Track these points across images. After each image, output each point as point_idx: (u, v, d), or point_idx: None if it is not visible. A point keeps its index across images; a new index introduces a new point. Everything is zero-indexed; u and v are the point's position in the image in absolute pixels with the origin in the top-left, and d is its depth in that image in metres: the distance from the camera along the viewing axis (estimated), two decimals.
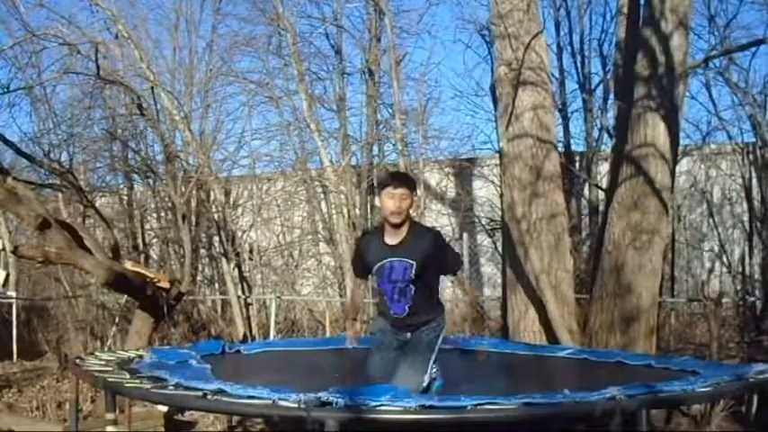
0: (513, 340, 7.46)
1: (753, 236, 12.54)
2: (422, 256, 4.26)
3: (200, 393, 3.87)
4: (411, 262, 4.26)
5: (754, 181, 12.68)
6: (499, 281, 11.22)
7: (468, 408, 3.53)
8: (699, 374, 4.55)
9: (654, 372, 5.05)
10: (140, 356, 5.43)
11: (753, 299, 11.37)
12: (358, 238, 4.91)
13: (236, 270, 12.73)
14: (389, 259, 4.31)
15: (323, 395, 3.48)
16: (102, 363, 5.13)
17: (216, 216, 13.47)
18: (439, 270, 4.46)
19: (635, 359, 5.64)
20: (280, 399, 3.59)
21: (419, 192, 4.53)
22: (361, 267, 4.59)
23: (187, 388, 4.02)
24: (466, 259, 11.83)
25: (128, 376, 4.60)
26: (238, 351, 6.42)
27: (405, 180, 4.38)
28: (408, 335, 4.47)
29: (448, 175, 14.21)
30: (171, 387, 4.11)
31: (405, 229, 4.31)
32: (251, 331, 11.64)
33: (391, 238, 4.33)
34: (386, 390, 3.64)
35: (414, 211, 4.44)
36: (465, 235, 12.15)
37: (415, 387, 4.12)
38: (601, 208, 10.75)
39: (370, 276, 4.67)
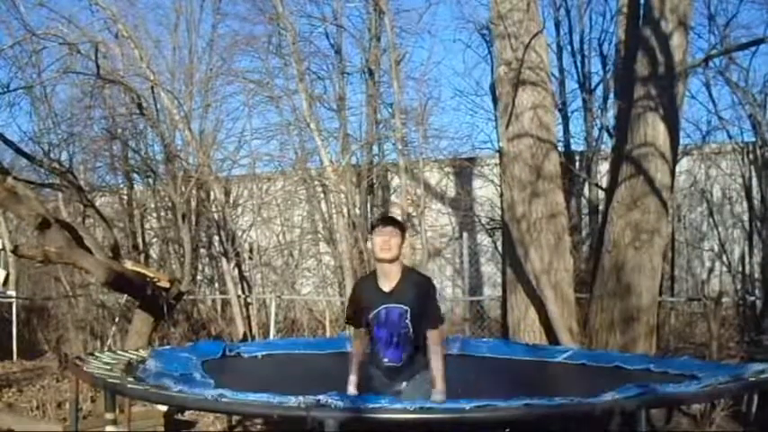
0: (513, 340, 7.46)
1: (753, 235, 12.53)
2: (415, 302, 4.28)
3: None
4: (405, 308, 4.28)
5: (754, 180, 12.66)
6: (499, 280, 11.21)
7: (467, 408, 3.53)
8: (698, 378, 4.55)
9: (652, 376, 5.05)
10: (141, 358, 5.43)
11: (753, 298, 11.35)
12: (354, 285, 4.82)
13: (236, 269, 12.72)
14: (384, 305, 4.31)
15: (322, 398, 3.48)
16: (102, 362, 5.13)
17: (216, 216, 13.47)
18: (424, 316, 4.34)
19: (633, 362, 5.62)
20: (280, 401, 3.59)
21: (408, 235, 4.62)
22: (357, 315, 4.50)
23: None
24: (466, 259, 11.86)
25: (127, 375, 4.60)
26: (239, 354, 6.40)
27: (393, 221, 4.44)
28: (404, 384, 4.34)
29: (448, 175, 14.20)
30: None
31: (398, 274, 4.34)
32: (251, 331, 11.63)
33: (385, 284, 4.34)
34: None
35: (406, 249, 4.48)
36: (465, 234, 12.16)
37: None
38: (601, 207, 10.75)
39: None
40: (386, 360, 4.35)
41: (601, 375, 5.33)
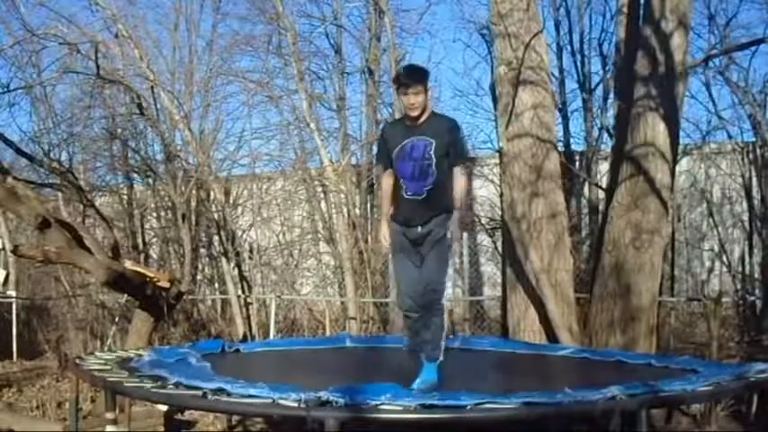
0: (513, 339, 7.46)
1: (753, 235, 12.54)
2: (440, 136, 4.55)
3: (199, 393, 3.87)
4: (431, 140, 4.53)
5: (754, 180, 12.67)
6: (499, 280, 11.21)
7: (468, 407, 3.53)
8: (699, 372, 4.56)
9: (654, 370, 5.05)
10: (140, 356, 5.43)
11: (753, 298, 11.36)
12: (382, 127, 5.10)
13: (236, 269, 12.72)
14: (410, 138, 4.58)
15: (323, 394, 3.48)
16: (102, 362, 5.13)
17: (216, 215, 13.47)
18: (450, 154, 4.59)
19: (635, 358, 5.64)
20: (280, 398, 3.59)
21: (429, 82, 4.71)
22: (386, 154, 4.74)
23: (187, 387, 4.02)
24: (466, 259, 11.86)
25: (127, 375, 4.60)
26: (237, 350, 6.42)
27: (413, 77, 4.60)
28: (419, 229, 4.58)
29: None
30: (171, 386, 4.11)
31: (425, 116, 4.61)
32: (251, 331, 11.64)
33: (412, 122, 4.61)
34: (385, 389, 3.64)
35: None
36: (465, 234, 12.15)
37: (433, 293, 4.49)
38: (601, 207, 10.75)
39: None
40: (408, 193, 4.59)
41: (602, 370, 5.33)
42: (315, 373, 5.33)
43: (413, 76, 4.61)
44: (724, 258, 12.69)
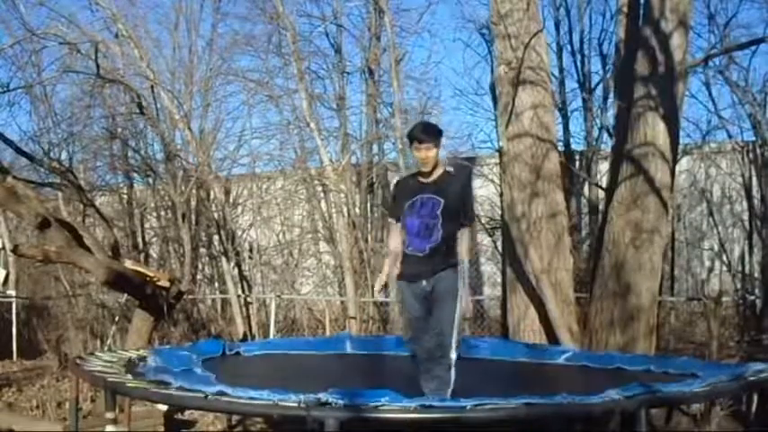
0: (513, 339, 7.46)
1: (752, 235, 12.54)
2: (450, 197, 4.62)
3: (199, 393, 3.87)
4: (440, 199, 4.61)
5: (754, 180, 12.67)
6: (499, 280, 11.21)
7: (468, 407, 3.53)
8: (698, 377, 4.55)
9: (653, 376, 5.04)
10: (141, 357, 5.43)
11: (753, 298, 11.36)
12: (396, 181, 5.25)
13: (236, 269, 12.73)
14: (420, 195, 4.67)
15: (323, 396, 3.48)
16: (102, 362, 5.13)
17: (216, 215, 13.47)
18: (459, 214, 4.65)
19: (634, 363, 5.61)
20: (280, 399, 3.59)
21: (443, 139, 4.82)
22: (397, 207, 4.82)
23: (189, 391, 4.02)
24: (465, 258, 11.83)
25: (128, 375, 4.60)
26: (238, 353, 6.41)
27: (426, 133, 4.70)
28: (424, 283, 4.61)
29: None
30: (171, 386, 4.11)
31: (438, 173, 4.70)
32: (251, 330, 11.64)
33: (425, 178, 4.71)
34: (384, 392, 3.64)
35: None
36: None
37: (443, 346, 4.46)
38: (601, 207, 10.75)
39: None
40: (410, 249, 4.66)
41: (601, 375, 5.33)
42: (315, 373, 5.34)
43: (426, 133, 4.70)
44: (724, 258, 12.70)
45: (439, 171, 4.71)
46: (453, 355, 4.51)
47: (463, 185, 4.76)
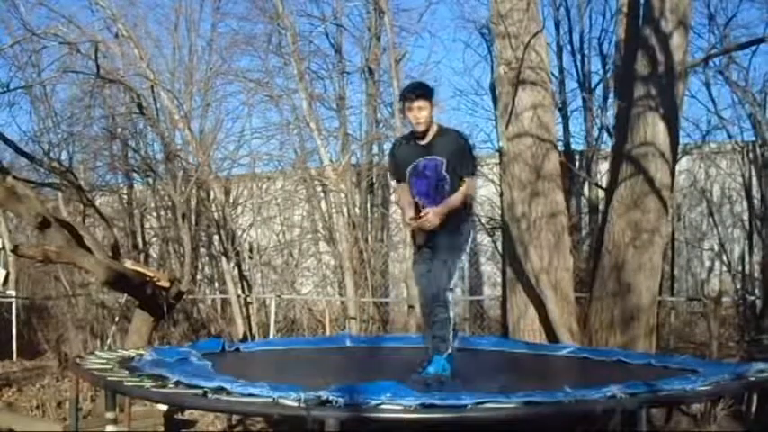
0: (513, 339, 7.46)
1: (752, 234, 12.53)
2: (451, 154, 4.63)
3: (200, 392, 3.86)
4: (442, 159, 4.62)
5: (754, 180, 12.67)
6: (499, 280, 11.22)
7: (469, 407, 3.53)
8: (698, 372, 4.55)
9: (653, 370, 5.05)
10: (141, 355, 5.43)
11: (752, 298, 11.35)
12: (392, 146, 5.25)
13: (236, 269, 12.72)
14: (422, 158, 4.67)
15: (323, 393, 3.48)
16: (102, 362, 5.13)
17: (216, 215, 13.47)
18: (461, 168, 4.67)
19: (634, 358, 5.64)
20: (280, 397, 3.59)
21: (434, 98, 4.75)
22: (398, 171, 4.85)
23: (187, 386, 4.02)
24: (466, 258, 11.83)
25: (127, 374, 4.59)
26: (237, 350, 6.41)
27: (417, 92, 4.67)
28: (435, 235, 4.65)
29: None
30: (171, 385, 4.11)
31: (432, 132, 4.69)
32: (251, 330, 11.64)
33: (421, 140, 4.69)
34: (385, 388, 3.64)
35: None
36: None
37: (438, 289, 4.58)
38: (601, 207, 10.75)
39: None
40: (424, 210, 4.62)
41: (602, 369, 5.33)
42: (315, 372, 5.33)
43: (417, 91, 4.67)
44: (724, 258, 12.69)
45: (434, 130, 4.70)
46: (451, 296, 4.66)
47: (461, 143, 4.75)
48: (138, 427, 6.46)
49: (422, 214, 4.60)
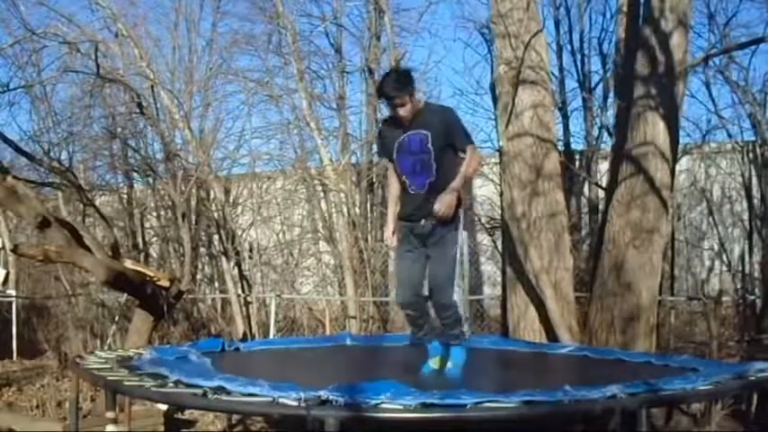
0: (513, 338, 7.46)
1: (752, 234, 12.53)
2: (435, 127, 4.49)
3: (200, 392, 3.86)
4: (425, 132, 4.49)
5: (754, 179, 12.67)
6: (499, 279, 11.21)
7: (469, 406, 3.53)
8: (698, 371, 4.55)
9: (653, 369, 5.05)
10: (140, 355, 5.43)
11: (752, 297, 11.35)
12: (379, 126, 5.22)
13: (236, 268, 12.73)
14: (406, 134, 4.55)
15: (323, 393, 3.48)
16: (102, 361, 5.13)
17: (216, 214, 13.47)
18: (451, 143, 4.55)
19: (634, 357, 5.64)
20: (280, 396, 3.59)
21: (414, 85, 4.62)
22: (387, 147, 4.71)
23: (187, 385, 4.02)
24: (466, 258, 11.84)
25: (127, 373, 4.59)
26: (237, 349, 6.42)
27: (394, 87, 4.48)
28: (423, 222, 4.54)
29: None
30: (171, 385, 4.11)
31: (418, 111, 4.56)
32: (251, 330, 11.64)
33: (406, 119, 4.56)
34: (385, 387, 3.64)
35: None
36: (465, 233, 12.12)
37: (441, 289, 4.50)
38: (601, 206, 10.75)
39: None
40: (412, 188, 4.57)
41: (602, 368, 5.33)
42: (315, 371, 5.34)
43: (394, 87, 4.49)
44: (724, 257, 12.70)
45: (417, 107, 4.58)
46: (456, 297, 4.59)
47: (445, 115, 4.62)
48: (137, 427, 6.46)
49: (436, 210, 4.41)
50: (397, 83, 4.50)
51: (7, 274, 11.55)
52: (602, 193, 10.58)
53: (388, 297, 11.32)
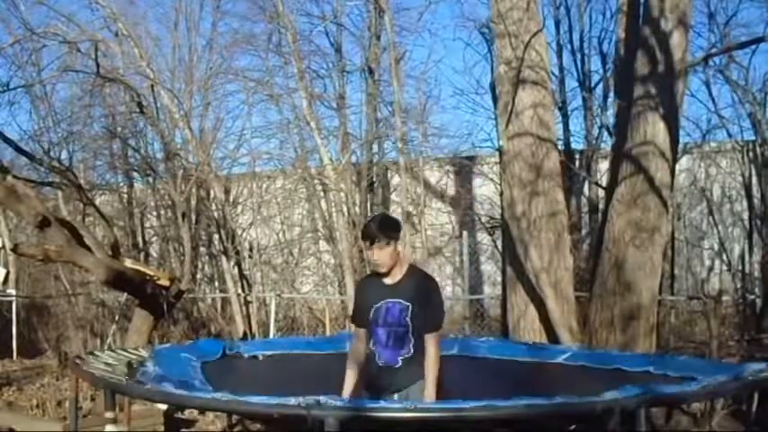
0: (513, 339, 7.45)
1: (752, 234, 12.54)
2: (418, 299, 4.14)
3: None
4: (407, 304, 4.13)
5: (754, 179, 12.68)
6: (499, 279, 11.22)
7: (468, 406, 3.53)
8: (697, 380, 4.53)
9: (652, 378, 5.02)
10: (141, 357, 5.42)
11: (752, 297, 11.35)
12: (357, 281, 4.68)
13: (236, 268, 12.73)
14: (386, 300, 4.17)
15: (323, 399, 3.48)
16: (102, 361, 5.13)
17: (216, 214, 13.48)
18: (425, 319, 4.16)
19: (633, 364, 5.56)
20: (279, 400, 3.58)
21: (401, 233, 4.37)
22: (361, 313, 4.32)
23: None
24: (466, 258, 11.86)
25: (127, 373, 4.59)
26: (239, 354, 6.38)
27: (379, 231, 4.15)
28: (396, 396, 4.16)
29: (448, 173, 14.23)
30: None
31: (401, 272, 4.22)
32: (251, 329, 11.65)
33: (388, 280, 4.21)
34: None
35: (401, 252, 4.26)
36: (465, 233, 12.16)
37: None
38: (601, 206, 10.75)
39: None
40: (381, 362, 4.21)
41: (601, 376, 5.31)
42: (315, 372, 5.33)
43: (378, 230, 4.13)
44: (724, 257, 12.70)
45: (402, 269, 4.21)
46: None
47: (430, 288, 4.24)
48: (137, 427, 6.46)
49: (380, 363, 4.11)
50: (381, 224, 4.20)
51: (7, 274, 11.55)
52: (602, 193, 10.58)
53: None
